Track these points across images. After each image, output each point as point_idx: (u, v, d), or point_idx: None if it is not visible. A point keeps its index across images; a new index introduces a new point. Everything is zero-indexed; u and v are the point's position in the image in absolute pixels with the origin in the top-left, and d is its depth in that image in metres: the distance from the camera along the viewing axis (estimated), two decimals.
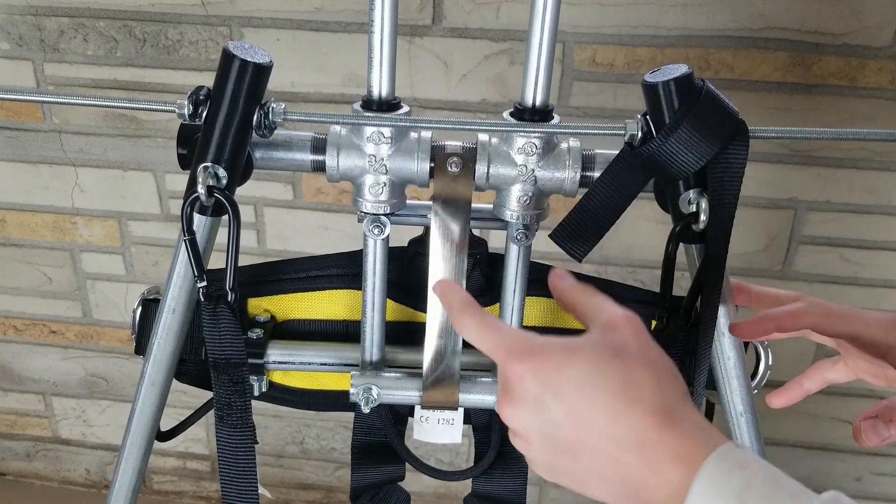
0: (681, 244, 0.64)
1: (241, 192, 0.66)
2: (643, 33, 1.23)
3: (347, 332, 0.79)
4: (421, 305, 0.76)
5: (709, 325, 0.62)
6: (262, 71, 0.61)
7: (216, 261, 0.68)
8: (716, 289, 0.61)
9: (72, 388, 1.70)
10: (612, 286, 0.76)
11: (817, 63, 1.22)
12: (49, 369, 1.69)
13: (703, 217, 0.60)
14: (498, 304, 0.75)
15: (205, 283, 0.63)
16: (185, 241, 0.62)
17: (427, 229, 0.74)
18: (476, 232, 0.74)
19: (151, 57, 1.34)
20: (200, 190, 0.61)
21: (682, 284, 0.64)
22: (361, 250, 0.71)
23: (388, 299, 0.75)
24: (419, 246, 0.76)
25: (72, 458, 1.80)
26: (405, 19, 1.26)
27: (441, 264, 0.68)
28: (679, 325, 0.63)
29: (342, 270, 0.78)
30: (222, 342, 0.63)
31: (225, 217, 0.64)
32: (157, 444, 0.74)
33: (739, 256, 1.38)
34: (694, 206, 0.61)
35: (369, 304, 0.73)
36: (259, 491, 0.66)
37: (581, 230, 0.63)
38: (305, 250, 1.46)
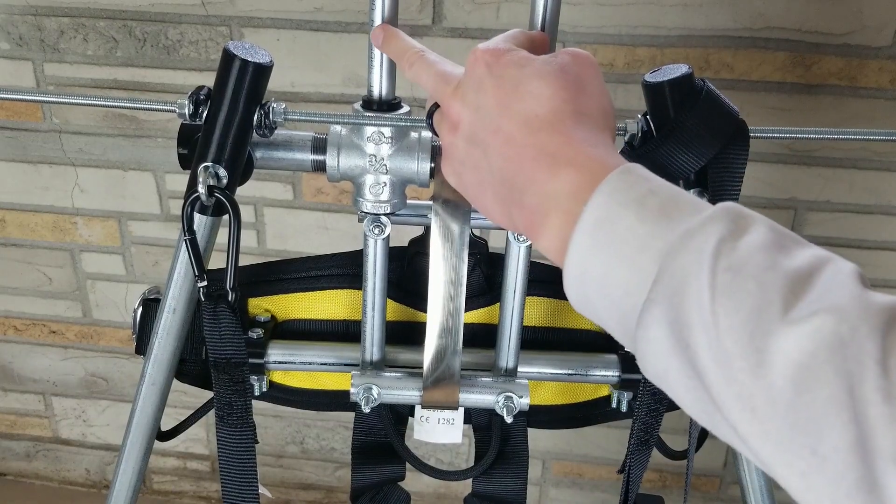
0: None
1: (241, 192, 0.66)
2: (643, 33, 1.23)
3: (348, 332, 0.79)
4: (421, 305, 0.76)
5: None
6: (263, 71, 0.61)
7: (216, 261, 0.68)
8: None
9: (72, 388, 1.70)
10: None
11: (817, 63, 1.22)
12: (49, 369, 1.69)
13: None
14: (498, 304, 0.75)
15: (205, 283, 0.63)
16: (185, 240, 0.62)
17: (427, 229, 0.74)
18: (476, 232, 0.74)
19: (151, 57, 1.34)
20: (201, 189, 0.61)
21: None
22: (361, 250, 0.71)
23: (388, 299, 0.75)
24: (419, 246, 0.76)
25: (72, 458, 1.80)
26: (405, 19, 1.26)
27: (441, 264, 0.68)
28: None
29: (342, 270, 0.78)
30: (223, 342, 0.63)
31: (225, 217, 0.64)
32: (157, 444, 0.74)
33: None
34: None
35: (370, 304, 0.73)
36: (259, 491, 0.66)
37: None
38: (305, 250, 1.46)
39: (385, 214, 0.68)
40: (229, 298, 0.62)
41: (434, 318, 0.70)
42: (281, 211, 1.45)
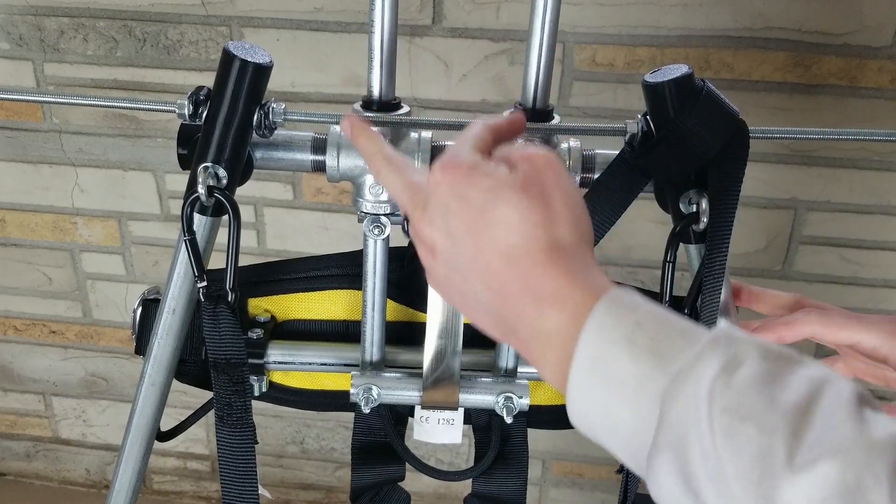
0: (681, 244, 0.64)
1: (241, 192, 0.66)
2: (643, 33, 1.23)
3: (347, 332, 0.79)
4: (421, 305, 0.76)
5: (708, 325, 0.62)
6: (263, 71, 0.61)
7: (216, 261, 0.68)
8: (716, 289, 0.61)
9: (72, 388, 1.70)
10: None
11: (817, 63, 1.22)
12: (49, 369, 1.69)
13: (703, 217, 0.60)
14: None
15: (205, 284, 0.63)
16: (185, 241, 0.62)
17: None
18: None
19: (151, 57, 1.34)
20: (200, 190, 0.61)
21: (683, 284, 0.64)
22: (361, 250, 0.71)
23: (388, 299, 0.75)
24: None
25: (72, 458, 1.80)
26: (405, 19, 1.26)
27: None
28: None
29: (342, 270, 0.78)
30: (222, 342, 0.63)
31: (225, 217, 0.64)
32: (157, 444, 0.74)
33: (739, 256, 1.38)
34: (694, 206, 0.61)
35: (369, 304, 0.73)
36: (259, 491, 0.66)
37: None
38: (305, 250, 1.46)
39: (385, 215, 0.68)
40: (229, 299, 0.62)
41: (434, 318, 0.70)
42: (281, 211, 1.45)
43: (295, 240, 1.46)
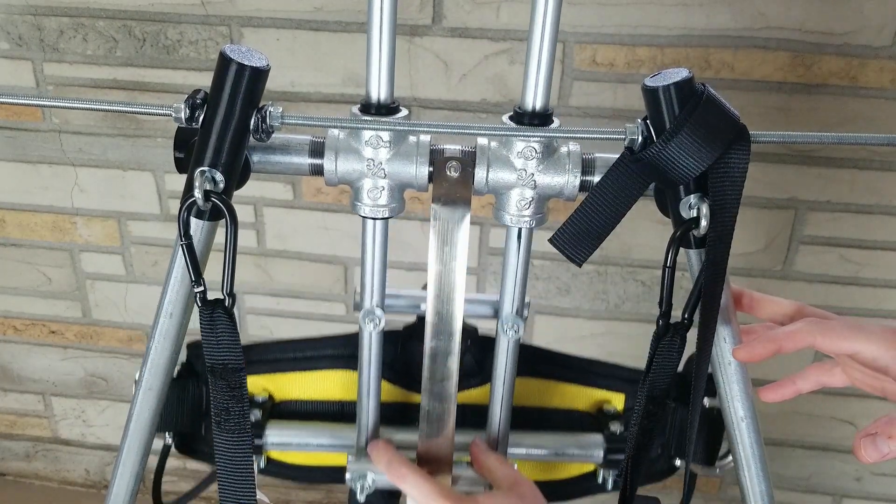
0: (681, 249, 0.64)
1: (240, 191, 0.66)
2: (643, 33, 1.22)
3: (343, 412, 0.83)
4: (415, 386, 0.79)
5: (708, 331, 0.62)
6: (260, 75, 0.61)
7: (215, 261, 0.68)
8: (716, 295, 0.60)
9: (71, 388, 1.70)
10: (594, 365, 0.84)
11: (818, 63, 1.22)
12: (49, 369, 1.69)
13: (703, 222, 0.60)
14: (489, 385, 0.77)
15: (202, 289, 0.62)
16: (181, 245, 0.62)
17: (420, 318, 0.79)
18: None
19: (151, 57, 1.33)
20: (197, 194, 0.60)
21: (683, 284, 0.64)
22: (356, 333, 0.74)
23: (383, 380, 0.78)
24: (413, 332, 0.80)
25: (71, 459, 1.80)
26: (405, 19, 1.25)
27: (438, 266, 0.67)
28: (679, 330, 0.63)
29: (337, 351, 0.82)
30: (220, 347, 0.62)
31: (222, 220, 0.64)
32: (157, 444, 0.75)
33: (739, 256, 1.37)
34: (694, 211, 0.60)
35: (364, 391, 0.76)
36: (257, 496, 0.66)
37: (581, 235, 0.62)
38: (305, 250, 1.46)
39: (383, 218, 0.67)
40: (226, 304, 0.62)
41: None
42: (281, 211, 1.45)
43: (295, 240, 1.46)
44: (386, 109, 0.64)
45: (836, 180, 1.30)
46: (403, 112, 0.65)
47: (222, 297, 0.62)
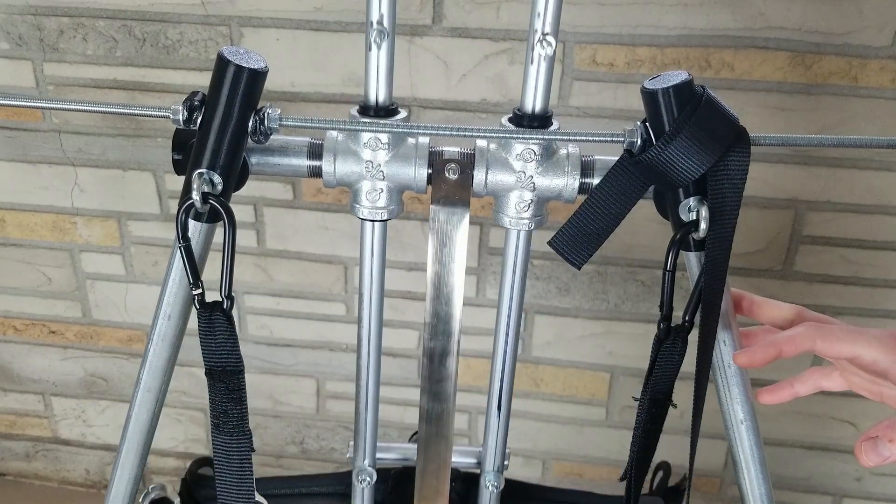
0: (681, 251, 0.64)
1: (240, 191, 0.66)
2: (643, 33, 1.22)
3: None
4: None
5: (709, 335, 0.62)
6: (258, 76, 0.61)
7: (214, 261, 0.68)
8: (716, 299, 0.60)
9: (71, 388, 1.70)
10: (577, 496, 0.88)
11: (818, 63, 1.22)
12: (49, 369, 1.69)
13: (703, 225, 0.60)
14: None
15: (200, 291, 0.62)
16: (179, 247, 0.62)
17: (410, 469, 0.80)
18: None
19: (151, 57, 1.33)
20: (195, 196, 0.60)
21: (683, 284, 0.64)
22: (349, 472, 0.77)
23: None
24: (403, 476, 0.82)
25: (71, 458, 1.80)
26: (405, 19, 1.25)
27: (437, 268, 0.67)
28: (680, 333, 0.63)
29: (329, 489, 0.84)
30: (218, 349, 0.62)
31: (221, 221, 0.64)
32: (156, 444, 0.75)
33: (740, 256, 1.37)
34: (694, 214, 0.60)
35: None
36: (256, 499, 0.66)
37: (580, 238, 0.62)
38: (305, 250, 1.46)
39: (382, 220, 0.67)
40: (224, 306, 0.62)
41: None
42: (281, 211, 1.44)
43: (295, 240, 1.46)
44: (385, 111, 0.64)
45: (836, 180, 1.30)
46: (402, 114, 0.65)
47: (220, 300, 0.62)
